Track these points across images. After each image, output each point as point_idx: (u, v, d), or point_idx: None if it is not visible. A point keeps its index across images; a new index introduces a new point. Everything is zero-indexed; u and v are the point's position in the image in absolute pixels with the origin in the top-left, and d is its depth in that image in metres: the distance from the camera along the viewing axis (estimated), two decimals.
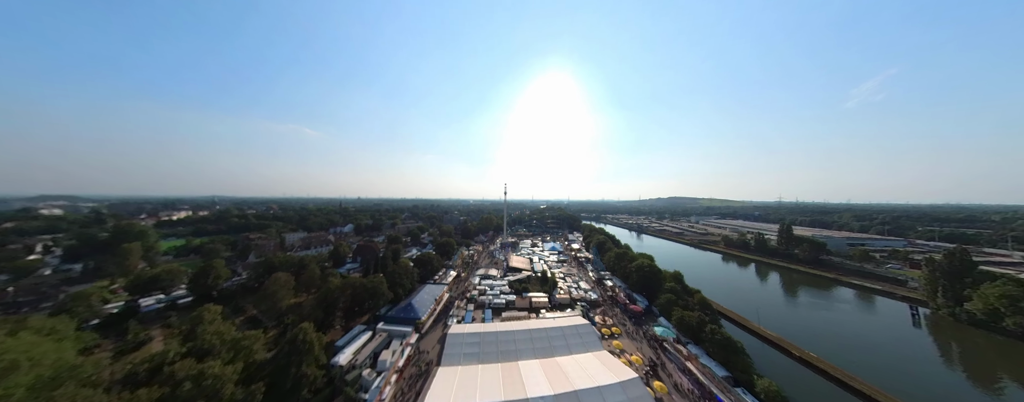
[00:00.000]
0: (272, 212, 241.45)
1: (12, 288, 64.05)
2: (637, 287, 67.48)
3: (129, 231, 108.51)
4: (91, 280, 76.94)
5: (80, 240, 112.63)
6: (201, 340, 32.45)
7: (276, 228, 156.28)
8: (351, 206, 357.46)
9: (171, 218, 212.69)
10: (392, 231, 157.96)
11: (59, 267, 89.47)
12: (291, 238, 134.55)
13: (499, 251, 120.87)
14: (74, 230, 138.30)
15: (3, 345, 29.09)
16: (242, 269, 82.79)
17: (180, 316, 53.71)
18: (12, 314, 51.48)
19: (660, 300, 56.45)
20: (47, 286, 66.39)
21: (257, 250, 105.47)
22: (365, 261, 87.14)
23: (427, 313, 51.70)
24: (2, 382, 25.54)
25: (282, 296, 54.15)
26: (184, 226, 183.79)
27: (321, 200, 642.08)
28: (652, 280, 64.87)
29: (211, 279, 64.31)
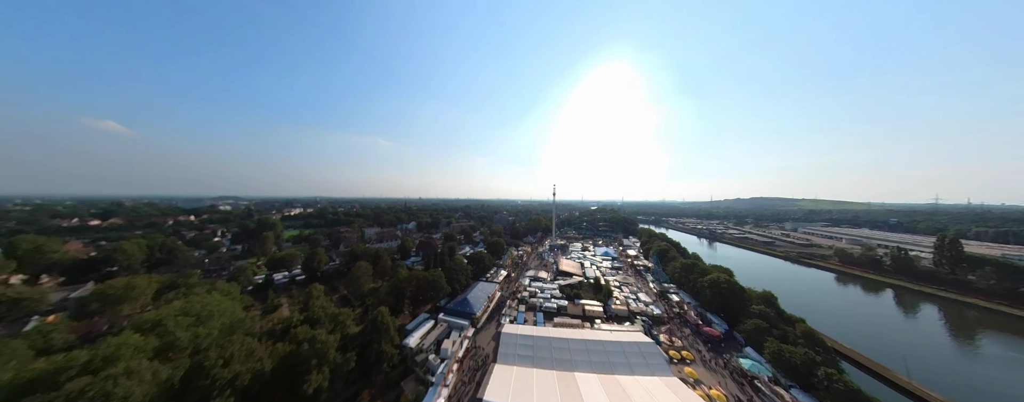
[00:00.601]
0: (355, 210, 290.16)
1: (206, 260, 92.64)
2: (712, 306, 58.67)
3: (266, 223, 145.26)
4: (246, 258, 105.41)
5: (240, 228, 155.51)
6: (312, 311, 41.17)
7: (358, 224, 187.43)
8: (414, 205, 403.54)
9: (290, 213, 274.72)
10: (448, 229, 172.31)
11: (230, 247, 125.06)
12: (368, 232, 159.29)
13: (548, 253, 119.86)
14: (236, 221, 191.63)
15: (206, 300, 42.34)
16: (336, 256, 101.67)
17: (297, 290, 69.40)
18: (206, 278, 74.15)
19: (745, 326, 47.95)
20: (224, 260, 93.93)
21: (345, 241, 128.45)
22: (426, 256, 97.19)
23: (481, 309, 54.79)
24: (206, 324, 37.25)
25: (364, 281, 64.73)
26: (298, 220, 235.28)
27: (390, 200, 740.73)
28: (732, 300, 55.54)
29: (316, 263, 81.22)
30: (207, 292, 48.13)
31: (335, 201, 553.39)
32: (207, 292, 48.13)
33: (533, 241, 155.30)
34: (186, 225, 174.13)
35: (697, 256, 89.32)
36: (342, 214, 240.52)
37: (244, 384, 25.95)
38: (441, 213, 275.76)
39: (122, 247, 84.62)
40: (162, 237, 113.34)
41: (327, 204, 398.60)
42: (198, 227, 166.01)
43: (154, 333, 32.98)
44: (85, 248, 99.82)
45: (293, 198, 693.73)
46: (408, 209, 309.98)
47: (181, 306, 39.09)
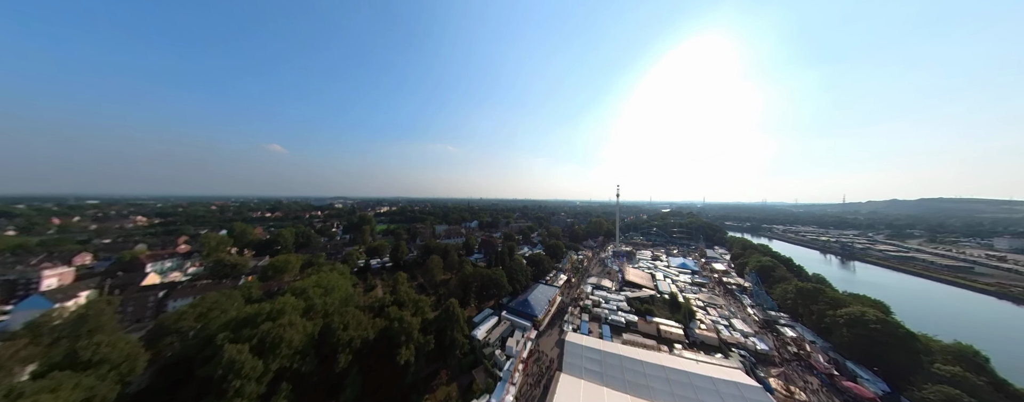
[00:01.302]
0: (428, 209, 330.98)
1: (328, 245, 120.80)
2: (854, 352, 43.77)
3: (364, 219, 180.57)
4: (352, 245, 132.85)
5: (348, 222, 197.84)
6: (399, 294, 48.49)
7: (430, 221, 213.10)
8: (475, 205, 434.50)
9: (380, 211, 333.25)
10: (507, 229, 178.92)
11: (342, 236, 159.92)
12: (438, 229, 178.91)
13: (611, 260, 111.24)
14: (346, 216, 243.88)
15: (330, 277, 54.90)
16: (414, 249, 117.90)
17: (387, 275, 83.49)
18: (329, 260, 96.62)
19: (926, 393, 33.23)
20: (338, 246, 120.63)
21: (420, 236, 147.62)
22: (488, 254, 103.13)
23: (543, 312, 54.73)
24: (331, 295, 48.26)
25: (436, 272, 72.87)
26: (385, 216, 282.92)
27: (455, 200, 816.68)
28: (892, 348, 40.05)
29: (400, 254, 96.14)
30: (330, 270, 62.61)
31: (413, 201, 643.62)
32: (330, 270, 62.61)
33: (594, 246, 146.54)
34: (316, 219, 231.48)
35: (822, 279, 68.31)
36: (418, 212, 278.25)
37: (357, 346, 32.96)
38: (500, 213, 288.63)
39: (282, 233, 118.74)
40: (302, 227, 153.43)
41: (407, 203, 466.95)
42: (323, 220, 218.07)
43: (301, 297, 44.82)
44: (263, 232, 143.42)
45: (382, 198, 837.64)
46: (471, 209, 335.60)
47: (316, 280, 51.94)
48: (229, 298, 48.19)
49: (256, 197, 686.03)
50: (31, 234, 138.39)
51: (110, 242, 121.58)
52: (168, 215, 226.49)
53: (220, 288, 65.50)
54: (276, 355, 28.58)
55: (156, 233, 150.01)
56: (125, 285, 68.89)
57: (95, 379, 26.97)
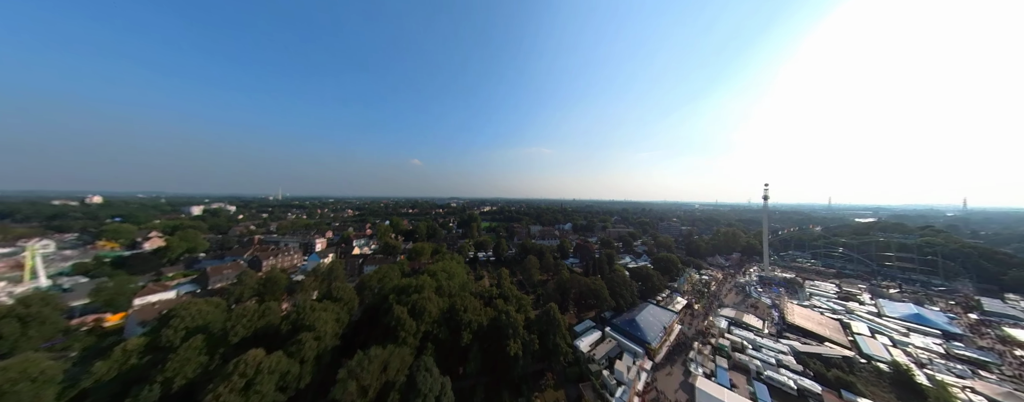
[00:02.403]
0: (523, 209, 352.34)
1: (447, 237, 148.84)
2: None
3: (472, 217, 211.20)
4: (463, 239, 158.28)
5: (461, 219, 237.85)
6: (503, 289, 52.78)
7: (525, 221, 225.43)
8: (569, 207, 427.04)
9: (483, 210, 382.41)
10: (604, 234, 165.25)
11: (456, 230, 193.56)
12: (533, 229, 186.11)
13: (757, 288, 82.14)
14: (458, 213, 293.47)
15: (451, 264, 66.90)
16: (512, 247, 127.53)
17: (491, 268, 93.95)
18: (449, 250, 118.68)
19: None
20: (454, 239, 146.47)
21: (517, 235, 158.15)
22: (584, 260, 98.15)
23: (657, 340, 46.37)
24: (452, 279, 58.50)
25: (533, 272, 75.38)
26: (488, 215, 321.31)
27: (548, 201, 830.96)
28: None
29: (501, 250, 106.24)
30: (450, 259, 76.40)
31: (510, 201, 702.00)
32: (450, 259, 76.40)
33: (726, 265, 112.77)
34: (438, 215, 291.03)
35: None
36: (514, 212, 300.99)
37: (474, 328, 38.14)
38: (595, 216, 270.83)
39: (419, 226, 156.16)
40: (430, 221, 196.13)
41: (504, 204, 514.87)
42: (443, 216, 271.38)
43: (434, 278, 56.66)
44: (408, 224, 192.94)
45: (485, 198, 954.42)
46: (564, 210, 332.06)
47: (442, 266, 64.56)
48: (392, 270, 67.16)
49: (404, 198, 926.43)
50: (310, 218, 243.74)
51: (338, 225, 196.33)
52: (361, 209, 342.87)
53: (387, 262, 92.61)
54: (422, 320, 37.27)
55: (356, 221, 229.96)
56: (345, 253, 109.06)
57: (339, 307, 43.55)
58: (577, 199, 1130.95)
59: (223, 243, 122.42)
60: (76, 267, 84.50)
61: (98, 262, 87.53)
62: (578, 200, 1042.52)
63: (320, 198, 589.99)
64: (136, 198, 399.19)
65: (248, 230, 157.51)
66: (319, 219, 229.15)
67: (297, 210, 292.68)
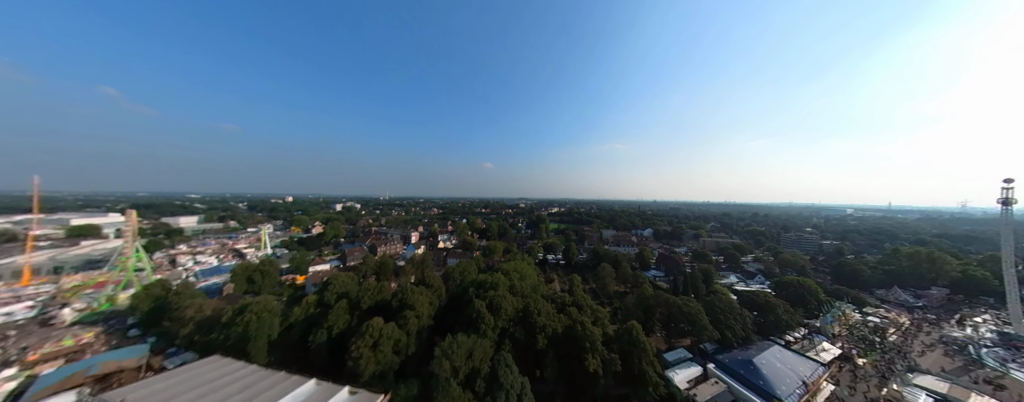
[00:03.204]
0: (593, 212, 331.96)
1: (516, 236, 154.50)
2: None
3: (540, 218, 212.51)
4: (532, 240, 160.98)
5: (528, 219, 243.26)
6: (576, 297, 50.70)
7: (596, 224, 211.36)
8: (648, 209, 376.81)
9: (550, 211, 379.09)
10: (696, 244, 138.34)
11: (524, 230, 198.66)
12: (606, 234, 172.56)
13: (996, 351, 51.55)
14: (526, 214, 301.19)
15: (522, 265, 68.99)
16: (583, 251, 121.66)
17: (561, 272, 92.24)
18: (519, 250, 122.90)
19: None
20: (523, 238, 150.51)
21: (588, 239, 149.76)
22: (672, 274, 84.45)
23: (796, 399, 34.88)
24: (524, 280, 60.19)
25: (608, 282, 69.65)
26: (556, 217, 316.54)
27: (622, 202, 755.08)
28: None
29: (570, 254, 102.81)
30: (521, 259, 78.85)
31: (578, 202, 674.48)
32: (521, 259, 78.85)
33: (917, 304, 75.46)
34: (508, 215, 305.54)
35: None
36: (584, 214, 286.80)
37: (548, 334, 37.95)
38: (684, 221, 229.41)
39: (491, 225, 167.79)
40: (501, 221, 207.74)
41: (573, 205, 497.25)
42: (513, 216, 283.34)
43: (507, 277, 59.67)
44: (481, 223, 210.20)
45: (553, 199, 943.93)
46: (641, 213, 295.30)
47: (514, 266, 67.35)
48: (470, 265, 74.50)
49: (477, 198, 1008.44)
50: (407, 215, 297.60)
51: (426, 221, 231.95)
52: (444, 208, 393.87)
53: (465, 257, 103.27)
54: (499, 316, 39.74)
55: (440, 219, 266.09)
56: (432, 246, 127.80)
57: (431, 293, 51.49)
58: (659, 200, 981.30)
59: (353, 232, 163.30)
60: (282, 243, 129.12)
61: (292, 240, 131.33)
62: (662, 201, 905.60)
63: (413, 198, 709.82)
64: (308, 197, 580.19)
65: (367, 223, 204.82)
66: (413, 216, 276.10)
67: (398, 208, 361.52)
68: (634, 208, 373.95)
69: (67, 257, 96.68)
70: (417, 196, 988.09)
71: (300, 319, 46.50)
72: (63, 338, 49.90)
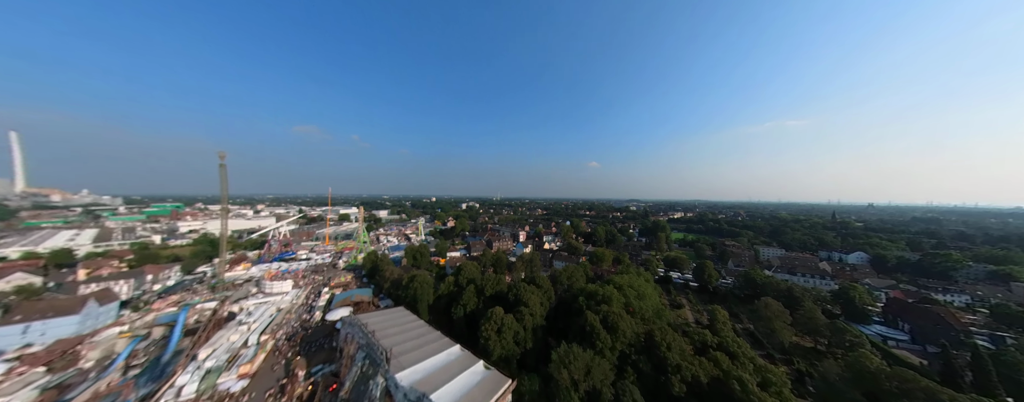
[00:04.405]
0: (740, 219, 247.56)
1: (628, 245, 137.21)
2: None
3: (657, 225, 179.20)
4: (648, 250, 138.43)
5: (643, 225, 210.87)
6: (723, 338, 38.88)
7: (747, 238, 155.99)
8: (854, 218, 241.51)
9: (673, 216, 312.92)
10: (980, 290, 74.99)
11: (638, 238, 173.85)
12: (767, 253, 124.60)
13: None
14: (639, 220, 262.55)
15: (638, 280, 60.27)
16: (726, 274, 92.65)
17: (693, 296, 74.22)
18: (631, 261, 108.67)
19: None
20: (636, 248, 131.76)
21: (734, 258, 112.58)
22: (928, 338, 49.75)
23: None
24: (642, 300, 52.35)
25: (778, 327, 49.34)
26: (680, 223, 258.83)
27: (797, 206, 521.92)
28: None
29: (706, 276, 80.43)
30: (636, 273, 69.03)
31: (713, 205, 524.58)
32: (636, 273, 69.03)
33: None
34: (616, 219, 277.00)
35: None
36: (723, 222, 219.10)
37: (686, 379, 30.07)
38: (946, 242, 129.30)
39: (597, 230, 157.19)
40: (607, 226, 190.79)
41: (705, 209, 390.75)
42: (621, 220, 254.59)
43: (620, 292, 53.70)
44: (585, 226, 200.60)
45: (675, 201, 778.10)
46: (840, 225, 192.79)
47: (628, 280, 59.81)
48: (577, 271, 72.31)
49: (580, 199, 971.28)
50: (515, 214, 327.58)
51: (532, 221, 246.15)
52: (547, 209, 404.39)
53: (571, 261, 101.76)
54: (617, 337, 36.18)
55: (544, 220, 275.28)
56: (538, 246, 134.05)
57: (541, 293, 54.10)
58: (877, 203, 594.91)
59: (475, 228, 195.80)
60: (430, 232, 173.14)
61: (436, 231, 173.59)
62: (883, 205, 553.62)
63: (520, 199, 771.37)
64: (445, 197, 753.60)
65: (485, 220, 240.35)
66: (520, 216, 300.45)
67: (508, 208, 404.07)
68: (826, 217, 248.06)
69: (339, 231, 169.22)
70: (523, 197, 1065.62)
71: (444, 293, 60.36)
72: (340, 276, 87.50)
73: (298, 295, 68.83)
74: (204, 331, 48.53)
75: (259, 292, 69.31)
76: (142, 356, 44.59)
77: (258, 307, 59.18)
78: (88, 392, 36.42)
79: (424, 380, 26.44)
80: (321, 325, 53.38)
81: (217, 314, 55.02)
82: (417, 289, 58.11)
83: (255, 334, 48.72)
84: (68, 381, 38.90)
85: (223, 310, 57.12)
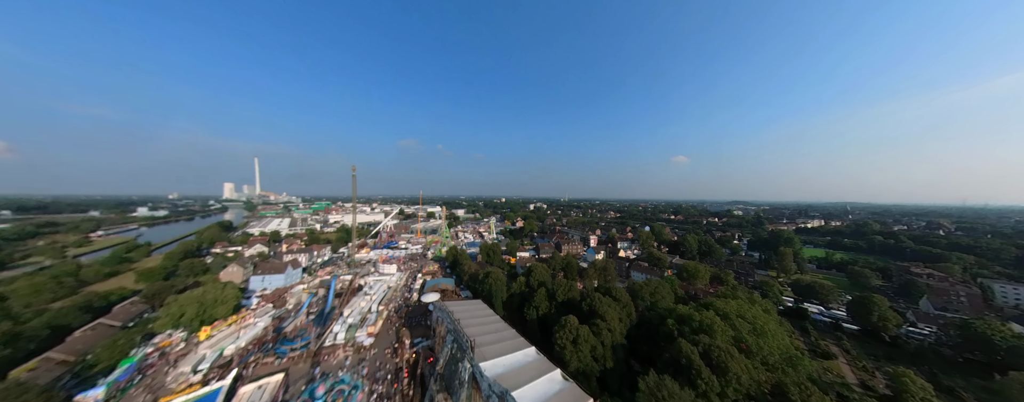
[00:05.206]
0: (941, 233, 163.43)
1: (733, 261, 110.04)
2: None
3: (780, 235, 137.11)
4: (763, 269, 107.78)
5: (753, 236, 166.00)
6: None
7: (960, 265, 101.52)
8: None
9: (806, 225, 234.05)
10: None
11: (747, 253, 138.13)
12: (1006, 292, 78.66)
13: None
14: (749, 228, 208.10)
15: (754, 310, 47.33)
16: (916, 318, 62.82)
17: (850, 342, 53.41)
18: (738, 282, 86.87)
19: None
20: (745, 265, 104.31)
21: (933, 295, 75.02)
22: None
23: None
24: (762, 337, 40.88)
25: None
26: (818, 235, 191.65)
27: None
28: None
29: (876, 317, 56.19)
30: (750, 300, 54.38)
31: (878, 211, 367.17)
32: (750, 300, 54.38)
33: None
34: (713, 226, 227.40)
35: None
36: (905, 237, 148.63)
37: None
38: None
39: (686, 238, 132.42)
40: (701, 234, 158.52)
41: (866, 216, 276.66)
42: (722, 229, 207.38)
43: (726, 321, 43.25)
44: (670, 233, 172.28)
45: (809, 204, 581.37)
46: None
47: (737, 307, 47.68)
48: (663, 287, 62.70)
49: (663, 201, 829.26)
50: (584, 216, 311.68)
51: (603, 225, 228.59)
52: (621, 212, 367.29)
53: (653, 273, 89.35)
54: (727, 380, 29.17)
55: (617, 223, 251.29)
56: (612, 253, 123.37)
57: (620, 308, 49.41)
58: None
59: (542, 229, 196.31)
60: (500, 232, 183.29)
61: (506, 230, 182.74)
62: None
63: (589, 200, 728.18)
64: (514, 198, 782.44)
65: (552, 222, 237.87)
66: (590, 218, 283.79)
67: (576, 210, 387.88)
68: None
69: (427, 227, 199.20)
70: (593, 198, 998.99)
71: (516, 292, 62.64)
72: (429, 265, 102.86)
73: (400, 277, 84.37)
74: (345, 296, 65.43)
75: (375, 271, 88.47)
76: (314, 307, 63.71)
77: (376, 283, 75.54)
78: (291, 325, 54.69)
79: (504, 375, 27.91)
80: (418, 305, 63.80)
81: (352, 284, 73.26)
82: (492, 285, 62.32)
83: (375, 303, 62.44)
84: (281, 315, 59.31)
85: (355, 282, 75.56)
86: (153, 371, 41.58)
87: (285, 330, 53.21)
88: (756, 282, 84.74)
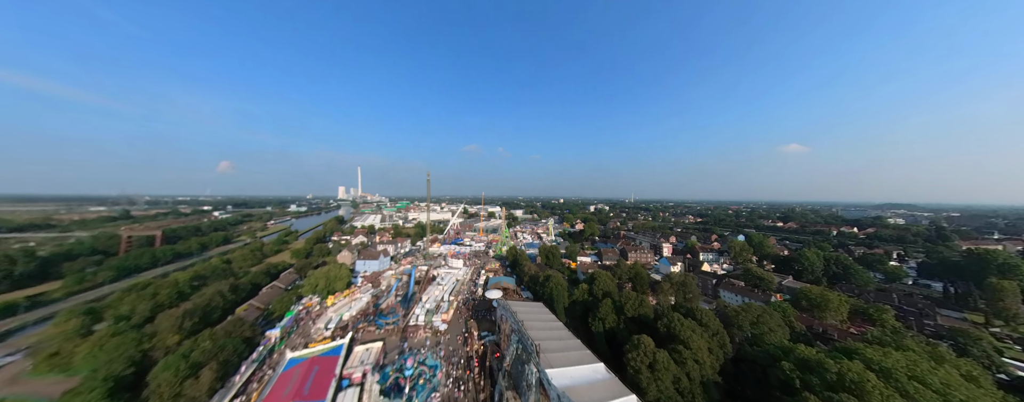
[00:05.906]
0: None
1: (892, 292, 78.48)
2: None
3: (989, 258, 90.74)
4: (955, 308, 73.75)
5: (928, 256, 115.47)
6: None
7: None
8: None
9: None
10: None
11: (918, 281, 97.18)
12: None
13: None
14: (919, 243, 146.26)
15: (940, 373, 32.41)
16: None
17: None
18: (898, 319, 61.88)
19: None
20: (919, 301, 72.53)
21: None
22: None
23: None
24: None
25: None
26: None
27: None
28: None
29: None
30: (932, 358, 37.47)
31: None
32: (932, 358, 37.47)
33: None
34: (850, 238, 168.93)
35: None
36: None
37: None
38: None
39: (804, 253, 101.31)
40: (830, 249, 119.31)
41: None
42: (865, 243, 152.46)
43: (886, 382, 30.50)
44: (776, 245, 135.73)
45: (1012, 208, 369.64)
46: None
47: (905, 362, 33.57)
48: (772, 317, 49.66)
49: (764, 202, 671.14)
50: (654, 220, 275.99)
51: (680, 231, 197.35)
52: (703, 216, 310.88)
53: (752, 295, 72.27)
54: None
55: (698, 230, 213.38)
56: (693, 265, 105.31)
57: (709, 337, 41.50)
58: None
59: (605, 233, 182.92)
60: (559, 234, 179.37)
61: (565, 233, 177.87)
62: None
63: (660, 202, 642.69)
64: (572, 199, 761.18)
65: (616, 225, 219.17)
66: (661, 223, 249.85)
67: (644, 212, 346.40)
68: None
69: (488, 226, 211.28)
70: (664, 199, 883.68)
71: (579, 300, 60.12)
72: (491, 262, 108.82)
73: (467, 272, 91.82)
74: (423, 283, 75.27)
75: (445, 264, 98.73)
76: (400, 290, 75.56)
77: (446, 275, 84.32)
78: (385, 302, 66.40)
79: (574, 389, 26.86)
80: (483, 300, 68.24)
81: (428, 274, 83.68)
82: (553, 289, 61.45)
83: (447, 293, 69.74)
84: (378, 294, 72.56)
85: (430, 273, 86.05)
86: (303, 323, 56.76)
87: (381, 306, 64.70)
88: (942, 328, 58.51)
